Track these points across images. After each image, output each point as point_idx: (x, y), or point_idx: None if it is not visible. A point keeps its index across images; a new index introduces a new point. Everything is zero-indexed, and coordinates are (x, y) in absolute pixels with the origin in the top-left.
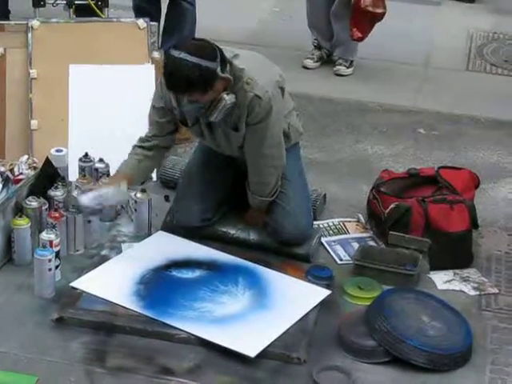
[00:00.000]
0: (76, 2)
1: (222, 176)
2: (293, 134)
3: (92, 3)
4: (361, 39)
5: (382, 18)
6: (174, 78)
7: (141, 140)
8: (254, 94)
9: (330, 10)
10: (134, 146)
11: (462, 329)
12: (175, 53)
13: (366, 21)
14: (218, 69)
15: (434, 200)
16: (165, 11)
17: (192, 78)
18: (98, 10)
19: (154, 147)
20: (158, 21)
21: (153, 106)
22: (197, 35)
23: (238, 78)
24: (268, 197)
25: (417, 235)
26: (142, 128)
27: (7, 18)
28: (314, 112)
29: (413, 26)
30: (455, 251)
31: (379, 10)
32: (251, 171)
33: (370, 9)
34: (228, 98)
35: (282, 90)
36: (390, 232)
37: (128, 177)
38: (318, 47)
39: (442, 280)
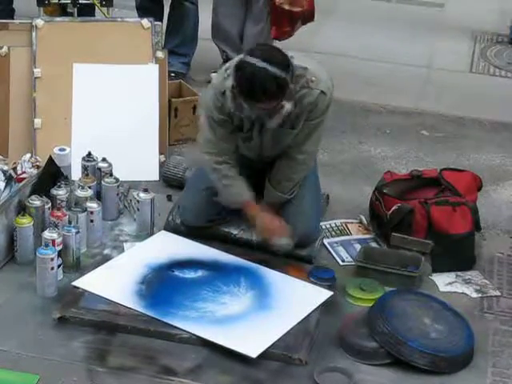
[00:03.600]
0: (80, 2)
1: None
2: None
3: (96, 3)
4: (277, 38)
5: (308, 18)
6: (252, 87)
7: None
8: (321, 90)
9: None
10: (225, 176)
11: (464, 331)
12: (253, 60)
13: (285, 19)
14: (290, 79)
15: (437, 202)
16: (167, 11)
17: (269, 88)
18: (102, 10)
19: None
20: (161, 20)
21: (211, 118)
22: (200, 35)
23: (300, 76)
24: (287, 194)
25: (419, 237)
26: (145, 127)
27: (12, 17)
28: None
29: (416, 28)
30: (457, 253)
31: (297, 9)
32: (284, 165)
33: (286, 7)
34: (288, 106)
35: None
36: (393, 233)
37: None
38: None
39: (444, 282)
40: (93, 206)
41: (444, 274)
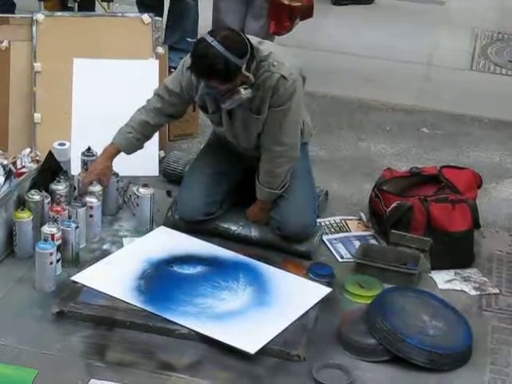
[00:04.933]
0: None
1: (229, 171)
2: (305, 132)
3: None
4: (277, 33)
5: (308, 14)
6: (200, 62)
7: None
8: (281, 74)
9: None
10: (133, 118)
11: (463, 328)
12: (209, 38)
13: (284, 14)
14: (244, 66)
15: (436, 199)
16: (167, 6)
17: (216, 67)
18: (102, 5)
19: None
20: (161, 15)
21: (166, 87)
22: (200, 31)
23: (264, 60)
24: (277, 189)
25: (418, 234)
26: None
27: (12, 12)
28: (317, 109)
29: (417, 25)
30: (457, 251)
31: (296, 4)
32: (265, 160)
33: (286, 1)
34: (244, 93)
35: (304, 78)
36: (392, 230)
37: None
38: None
39: (443, 279)
40: (92, 200)
41: (443, 271)
